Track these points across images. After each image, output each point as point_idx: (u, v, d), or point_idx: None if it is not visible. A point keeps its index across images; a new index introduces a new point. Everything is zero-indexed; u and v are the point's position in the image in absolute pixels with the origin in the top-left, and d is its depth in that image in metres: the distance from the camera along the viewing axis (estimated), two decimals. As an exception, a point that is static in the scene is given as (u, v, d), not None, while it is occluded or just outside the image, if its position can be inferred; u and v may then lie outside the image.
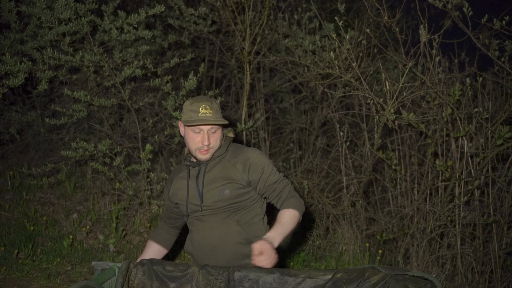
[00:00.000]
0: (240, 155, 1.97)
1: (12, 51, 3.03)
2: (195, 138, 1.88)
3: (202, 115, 1.84)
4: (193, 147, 1.89)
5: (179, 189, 2.02)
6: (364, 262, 3.23)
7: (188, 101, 1.91)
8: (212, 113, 1.85)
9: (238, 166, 1.93)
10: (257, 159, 1.95)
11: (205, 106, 1.86)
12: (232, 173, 1.93)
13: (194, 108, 1.86)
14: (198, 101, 1.87)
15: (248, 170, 1.92)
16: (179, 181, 2.03)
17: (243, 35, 3.37)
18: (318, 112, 3.95)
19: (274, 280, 1.73)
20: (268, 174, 1.95)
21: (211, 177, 1.94)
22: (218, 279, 1.72)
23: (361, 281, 1.71)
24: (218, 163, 1.96)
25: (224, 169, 1.95)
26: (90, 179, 3.88)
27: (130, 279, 1.72)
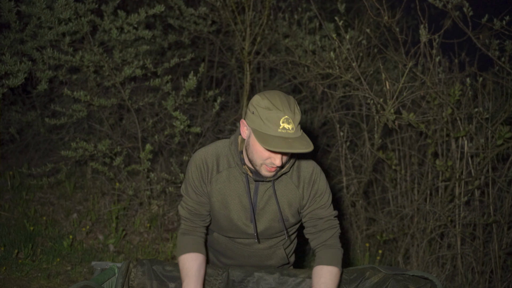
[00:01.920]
0: (303, 171, 1.65)
1: (12, 51, 3.03)
2: (263, 153, 1.48)
3: (282, 131, 1.42)
4: (259, 161, 1.50)
5: (225, 197, 1.64)
6: (364, 262, 3.23)
7: (262, 100, 1.45)
8: (294, 128, 1.43)
9: (301, 189, 1.64)
10: (321, 182, 1.65)
11: (287, 119, 1.42)
12: (295, 195, 1.65)
13: (273, 118, 1.42)
14: (278, 108, 1.42)
15: (310, 191, 1.64)
16: (229, 182, 1.64)
17: (243, 35, 3.37)
18: (318, 112, 3.95)
19: (274, 280, 1.73)
20: (321, 205, 1.66)
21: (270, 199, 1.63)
22: (218, 279, 1.72)
23: (361, 281, 1.71)
24: (282, 181, 1.64)
25: (288, 190, 1.64)
26: (90, 179, 3.87)
27: (130, 279, 1.72)
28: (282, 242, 1.80)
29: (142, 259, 1.75)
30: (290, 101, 1.47)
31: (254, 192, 1.63)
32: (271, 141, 1.40)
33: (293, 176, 1.65)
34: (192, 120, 3.67)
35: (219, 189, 1.64)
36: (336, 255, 1.65)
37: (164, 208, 3.51)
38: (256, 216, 1.66)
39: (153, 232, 3.38)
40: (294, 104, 1.47)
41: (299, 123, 1.46)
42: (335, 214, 1.71)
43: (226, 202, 1.65)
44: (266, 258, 1.80)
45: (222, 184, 1.64)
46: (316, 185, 1.65)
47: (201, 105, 3.96)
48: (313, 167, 1.66)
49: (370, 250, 3.32)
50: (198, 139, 3.61)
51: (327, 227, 1.68)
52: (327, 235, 1.68)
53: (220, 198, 1.65)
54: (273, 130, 1.42)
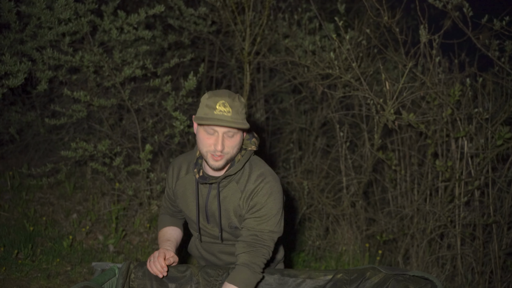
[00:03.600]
0: (251, 182, 1.64)
1: (11, 51, 3.03)
2: (207, 140, 1.56)
3: (218, 113, 1.51)
4: (204, 150, 1.58)
5: (185, 199, 1.76)
6: (364, 263, 3.23)
7: (207, 94, 1.57)
8: (231, 112, 1.52)
9: (242, 199, 1.65)
10: (263, 196, 1.62)
11: (224, 102, 1.52)
12: (238, 203, 1.66)
13: (211, 104, 1.53)
14: (217, 95, 1.54)
15: (249, 202, 1.64)
16: (185, 188, 1.75)
17: (243, 35, 3.37)
18: (318, 112, 3.95)
19: (275, 280, 1.73)
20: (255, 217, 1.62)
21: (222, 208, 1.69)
22: (218, 280, 1.72)
23: (362, 281, 1.71)
24: (229, 184, 1.67)
25: (233, 196, 1.67)
26: (89, 179, 3.87)
27: (131, 280, 1.72)
28: None
29: (142, 260, 1.76)
30: (232, 93, 1.57)
31: (206, 196, 1.71)
32: (205, 120, 1.51)
33: (241, 185, 1.67)
34: (192, 120, 3.67)
35: (180, 194, 1.78)
36: (241, 274, 1.58)
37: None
38: (211, 218, 1.74)
39: (153, 232, 3.38)
40: (237, 96, 1.56)
41: (238, 110, 1.54)
42: (272, 234, 1.64)
43: (187, 205, 1.77)
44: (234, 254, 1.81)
45: (181, 189, 1.77)
46: (256, 198, 1.63)
47: (201, 105, 3.96)
48: (261, 180, 1.64)
49: (370, 250, 3.32)
50: (198, 139, 3.60)
51: (251, 241, 1.62)
52: (240, 249, 1.62)
53: (183, 201, 1.78)
54: (211, 113, 1.52)
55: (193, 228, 1.85)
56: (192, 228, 1.86)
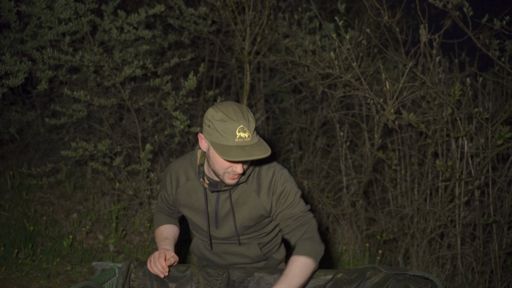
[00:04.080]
0: (263, 178, 1.67)
1: (12, 51, 3.03)
2: (224, 163, 1.53)
3: (239, 140, 1.46)
4: (221, 171, 1.55)
5: (191, 206, 1.74)
6: (364, 262, 3.23)
7: (216, 112, 1.48)
8: (250, 136, 1.48)
9: (262, 196, 1.67)
10: (282, 185, 1.67)
11: (242, 128, 1.46)
12: (256, 203, 1.68)
13: (228, 129, 1.46)
14: (232, 119, 1.46)
15: (272, 196, 1.66)
16: (189, 195, 1.73)
17: (243, 35, 3.37)
18: (318, 112, 3.95)
19: (275, 280, 1.73)
20: (288, 205, 1.67)
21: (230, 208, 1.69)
22: (218, 279, 1.72)
23: (362, 281, 1.71)
24: (240, 189, 1.68)
25: (247, 198, 1.68)
26: (90, 179, 3.87)
27: (131, 280, 1.72)
28: (256, 240, 1.82)
29: (143, 260, 1.76)
30: (243, 110, 1.51)
31: (216, 200, 1.70)
32: (230, 152, 1.45)
33: (253, 184, 1.68)
34: (192, 120, 3.68)
35: (183, 200, 1.76)
36: (311, 246, 1.63)
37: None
38: (220, 223, 1.73)
39: (153, 232, 3.38)
40: (247, 112, 1.52)
41: (254, 130, 1.51)
42: (306, 209, 1.71)
43: (195, 210, 1.75)
44: (240, 255, 1.83)
45: (184, 196, 1.75)
46: (277, 189, 1.67)
47: (201, 105, 3.97)
48: (273, 172, 1.68)
49: (370, 250, 3.32)
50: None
51: (299, 224, 1.68)
52: (301, 231, 1.67)
53: (189, 208, 1.76)
54: (231, 140, 1.47)
55: (200, 234, 1.82)
56: (199, 233, 1.83)
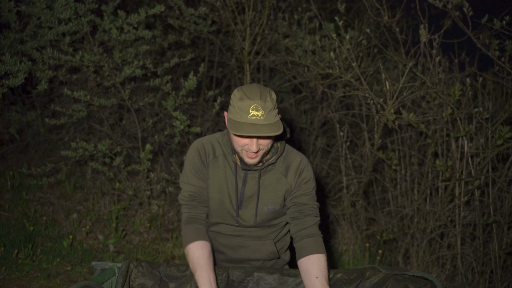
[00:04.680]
0: (291, 161, 1.72)
1: (12, 51, 3.03)
2: (240, 140, 1.57)
3: (251, 117, 1.50)
4: (238, 148, 1.60)
5: (216, 182, 1.70)
6: (364, 262, 3.23)
7: (237, 92, 1.55)
8: (264, 115, 1.51)
9: (289, 177, 1.70)
10: (308, 171, 1.72)
11: (256, 106, 1.51)
12: (282, 184, 1.70)
13: (243, 107, 1.51)
14: (249, 97, 1.51)
15: (297, 178, 1.70)
16: (218, 171, 1.70)
17: (243, 35, 3.37)
18: (318, 112, 3.95)
19: (274, 280, 1.73)
20: (305, 192, 1.71)
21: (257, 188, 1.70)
22: (218, 279, 1.72)
23: (361, 281, 1.71)
24: (269, 171, 1.71)
25: (275, 180, 1.70)
26: (90, 179, 3.87)
27: (131, 280, 1.72)
28: (272, 235, 1.81)
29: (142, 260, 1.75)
30: (263, 91, 1.55)
31: (243, 180, 1.70)
32: (240, 127, 1.50)
33: (280, 166, 1.71)
34: (192, 120, 3.68)
35: (215, 173, 1.71)
36: (320, 242, 1.68)
37: (164, 208, 3.51)
38: (244, 203, 1.72)
39: (153, 232, 3.38)
40: (268, 93, 1.54)
41: (271, 110, 1.52)
42: (318, 205, 1.76)
43: (221, 187, 1.71)
44: (254, 250, 1.81)
45: (217, 169, 1.71)
46: (303, 173, 1.71)
47: (201, 105, 3.97)
48: (301, 158, 1.74)
49: (370, 250, 3.32)
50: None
51: (311, 213, 1.72)
52: (310, 221, 1.71)
53: (216, 182, 1.71)
54: (244, 117, 1.51)
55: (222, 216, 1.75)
56: (221, 216, 1.75)
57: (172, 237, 3.34)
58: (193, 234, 1.66)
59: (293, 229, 1.72)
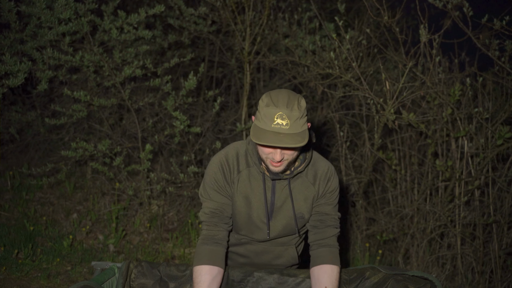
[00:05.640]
0: (319, 169, 1.69)
1: (12, 51, 3.03)
2: (264, 149, 1.52)
3: (275, 126, 1.43)
4: (263, 156, 1.54)
5: (247, 196, 1.66)
6: (364, 262, 3.23)
7: (265, 97, 1.49)
8: (289, 124, 1.44)
9: (316, 186, 1.67)
10: (335, 180, 1.69)
11: (281, 114, 1.44)
12: (311, 192, 1.68)
13: (268, 114, 1.45)
14: (275, 105, 1.45)
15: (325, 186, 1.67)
16: (249, 182, 1.65)
17: (243, 35, 3.37)
18: (318, 112, 3.95)
19: (274, 280, 1.73)
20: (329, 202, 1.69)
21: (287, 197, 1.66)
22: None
23: (361, 281, 1.71)
24: (298, 179, 1.67)
25: (304, 187, 1.67)
26: (90, 179, 3.87)
27: (131, 280, 1.72)
28: (294, 240, 1.81)
29: (142, 260, 1.75)
30: (292, 98, 1.48)
31: (271, 190, 1.66)
32: (262, 136, 1.44)
33: (308, 174, 1.68)
34: (192, 120, 3.68)
35: (241, 188, 1.66)
36: (336, 254, 1.67)
37: (164, 208, 3.51)
38: (274, 213, 1.68)
39: (153, 232, 3.38)
40: (296, 101, 1.48)
41: (297, 119, 1.45)
42: (339, 215, 1.75)
43: (249, 201, 1.67)
44: (277, 256, 1.80)
45: (243, 183, 1.66)
46: (330, 182, 1.69)
47: (201, 105, 3.97)
48: (329, 166, 1.71)
49: (370, 250, 3.32)
50: (198, 139, 3.61)
51: (332, 224, 1.70)
52: (330, 232, 1.69)
53: (243, 197, 1.67)
54: (268, 125, 1.45)
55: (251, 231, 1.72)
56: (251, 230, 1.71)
57: (172, 237, 3.34)
58: (204, 256, 1.61)
59: (312, 237, 1.71)
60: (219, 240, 1.65)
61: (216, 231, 1.66)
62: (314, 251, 1.69)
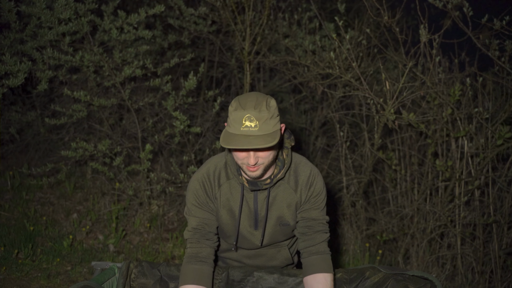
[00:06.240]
0: (300, 174, 1.65)
1: (12, 51, 3.03)
2: (238, 154, 1.49)
3: (244, 129, 1.40)
4: (239, 162, 1.51)
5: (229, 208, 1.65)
6: (364, 262, 3.23)
7: (233, 102, 1.46)
8: (258, 125, 1.40)
9: (298, 192, 1.65)
10: (318, 184, 1.66)
11: (249, 116, 1.40)
12: (293, 199, 1.65)
13: (237, 117, 1.42)
14: (242, 107, 1.42)
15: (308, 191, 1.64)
16: (231, 195, 1.64)
17: (243, 35, 3.37)
18: (318, 112, 3.95)
19: (274, 279, 1.73)
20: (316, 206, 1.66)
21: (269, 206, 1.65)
22: (218, 279, 1.72)
23: (361, 280, 1.71)
24: (280, 186, 1.64)
25: (286, 194, 1.65)
26: (90, 179, 3.87)
27: (131, 280, 1.72)
28: (286, 242, 1.81)
29: (142, 260, 1.76)
30: (260, 99, 1.44)
31: (253, 201, 1.65)
32: (231, 140, 1.41)
33: (290, 180, 1.65)
34: (192, 120, 3.68)
35: (223, 202, 1.65)
36: (328, 260, 1.65)
37: (164, 208, 3.51)
38: (259, 223, 1.68)
39: (153, 232, 3.38)
40: (264, 102, 1.44)
41: (266, 120, 1.42)
42: (327, 219, 1.72)
43: (233, 213, 1.67)
44: (270, 258, 1.81)
45: (225, 196, 1.65)
46: (312, 187, 1.66)
47: (201, 105, 3.97)
48: (310, 170, 1.67)
49: (370, 250, 3.32)
50: (198, 139, 3.61)
51: (321, 230, 1.68)
52: (320, 238, 1.67)
53: (227, 210, 1.66)
54: (237, 129, 1.42)
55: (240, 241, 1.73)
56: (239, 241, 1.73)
57: (172, 237, 3.34)
58: (189, 276, 1.59)
59: (302, 244, 1.68)
60: (204, 258, 1.62)
61: (199, 248, 1.63)
62: (306, 259, 1.66)
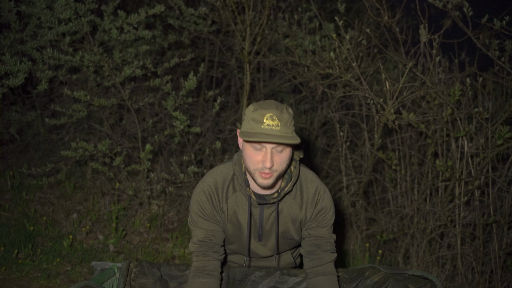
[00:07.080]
0: (305, 191, 1.63)
1: (12, 51, 3.03)
2: (255, 157, 1.47)
3: (266, 127, 1.41)
4: (252, 167, 1.48)
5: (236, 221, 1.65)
6: (364, 262, 3.23)
7: (252, 106, 1.48)
8: (280, 126, 1.42)
9: (304, 209, 1.63)
10: (325, 201, 1.63)
11: (271, 115, 1.42)
12: (298, 216, 1.64)
13: (258, 117, 1.43)
14: (263, 108, 1.44)
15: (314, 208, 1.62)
16: (237, 208, 1.63)
17: (243, 35, 3.37)
18: (318, 112, 3.95)
19: (275, 279, 1.73)
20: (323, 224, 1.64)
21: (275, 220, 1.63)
22: (218, 279, 1.72)
23: (361, 280, 1.71)
24: (286, 201, 1.63)
25: (292, 210, 1.64)
26: (90, 179, 3.87)
27: (131, 279, 1.72)
28: (290, 250, 1.83)
29: (142, 260, 1.76)
30: (279, 104, 1.47)
31: (259, 214, 1.63)
32: (254, 136, 1.41)
33: (296, 196, 1.64)
34: (192, 120, 3.68)
35: (230, 215, 1.64)
36: (335, 282, 1.63)
37: (164, 208, 3.51)
38: (264, 236, 1.68)
39: (153, 232, 3.38)
40: (285, 107, 1.46)
41: (287, 122, 1.43)
42: (334, 238, 1.70)
43: (239, 225, 1.66)
44: (273, 264, 1.83)
45: (232, 209, 1.64)
46: (318, 204, 1.64)
47: (201, 105, 3.97)
48: (316, 186, 1.64)
49: (370, 250, 3.32)
50: (198, 139, 3.61)
51: (329, 249, 1.65)
52: (327, 258, 1.64)
53: (234, 223, 1.66)
54: (258, 127, 1.42)
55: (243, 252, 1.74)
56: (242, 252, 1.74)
57: (172, 237, 3.34)
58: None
59: (308, 264, 1.66)
60: (211, 271, 1.60)
61: (206, 261, 1.61)
62: (312, 279, 1.64)
